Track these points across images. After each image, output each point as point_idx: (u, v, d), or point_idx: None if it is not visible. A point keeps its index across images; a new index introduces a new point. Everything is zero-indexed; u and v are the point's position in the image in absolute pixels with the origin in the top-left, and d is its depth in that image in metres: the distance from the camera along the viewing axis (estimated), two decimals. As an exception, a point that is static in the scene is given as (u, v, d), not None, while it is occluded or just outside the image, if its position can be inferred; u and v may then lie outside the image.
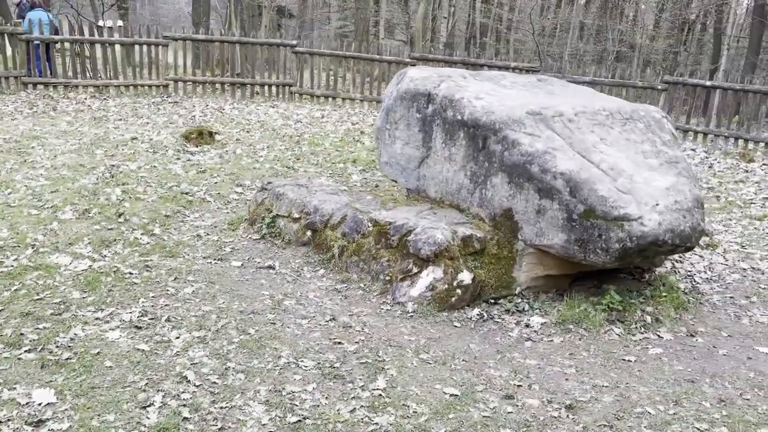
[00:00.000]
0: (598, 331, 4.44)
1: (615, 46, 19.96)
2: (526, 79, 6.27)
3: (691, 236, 4.48)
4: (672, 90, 11.85)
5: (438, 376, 3.70)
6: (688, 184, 4.68)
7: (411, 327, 4.31)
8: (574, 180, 4.43)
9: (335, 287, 4.81)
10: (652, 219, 4.35)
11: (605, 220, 4.33)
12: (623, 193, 4.45)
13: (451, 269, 4.59)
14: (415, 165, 5.38)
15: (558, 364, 4.00)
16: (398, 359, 3.86)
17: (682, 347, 4.33)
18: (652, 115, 5.25)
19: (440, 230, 4.66)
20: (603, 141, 4.88)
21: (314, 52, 13.08)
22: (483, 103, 4.91)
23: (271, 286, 4.76)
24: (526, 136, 4.67)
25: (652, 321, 4.65)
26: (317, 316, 4.34)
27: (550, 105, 5.02)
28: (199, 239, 5.51)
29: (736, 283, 5.57)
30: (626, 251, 4.35)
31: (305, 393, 3.43)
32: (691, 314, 4.83)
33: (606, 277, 5.26)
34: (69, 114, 10.23)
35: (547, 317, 4.62)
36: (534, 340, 4.32)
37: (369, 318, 4.39)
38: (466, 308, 4.64)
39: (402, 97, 5.36)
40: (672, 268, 5.85)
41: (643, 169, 4.70)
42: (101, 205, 5.93)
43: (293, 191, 5.54)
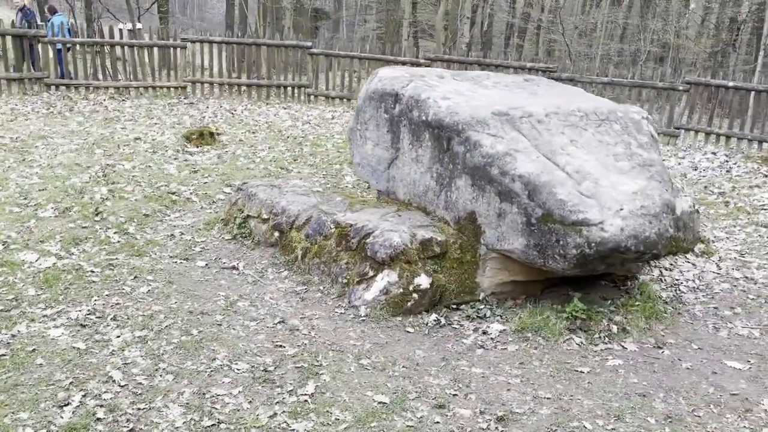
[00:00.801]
0: (557, 341, 4.27)
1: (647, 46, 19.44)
2: (512, 79, 6.11)
3: (657, 243, 4.28)
4: (694, 91, 11.45)
5: (372, 383, 3.61)
6: (658, 189, 4.47)
7: (360, 331, 4.22)
8: (533, 183, 4.27)
9: (295, 289, 4.76)
10: (614, 224, 4.16)
11: (563, 225, 4.16)
12: (586, 197, 4.28)
13: (408, 273, 4.48)
14: (385, 166, 5.29)
15: (504, 373, 3.86)
16: (336, 364, 3.78)
17: (644, 359, 4.14)
18: (631, 116, 5.04)
19: (398, 233, 4.56)
20: (573, 143, 4.70)
21: (329, 53, 13.07)
22: (449, 103, 4.79)
23: (230, 287, 4.73)
24: (488, 137, 4.53)
25: (618, 331, 4.45)
26: (267, 318, 4.29)
27: (521, 105, 4.87)
28: (172, 238, 5.52)
29: (724, 292, 5.31)
30: (585, 258, 4.17)
31: (229, 397, 3.38)
32: (664, 325, 4.62)
33: (584, 283, 5.08)
34: (83, 114, 10.44)
35: (507, 324, 4.47)
36: (487, 347, 4.18)
37: (320, 321, 4.31)
38: (423, 313, 4.52)
39: (371, 98, 5.28)
40: (659, 275, 5.62)
41: (612, 173, 4.51)
42: (83, 204, 6.01)
43: (265, 192, 5.51)
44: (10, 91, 11.99)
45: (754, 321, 4.80)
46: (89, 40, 12.59)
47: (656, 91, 11.78)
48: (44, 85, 12.38)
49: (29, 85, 12.22)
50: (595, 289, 5.10)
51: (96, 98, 12.08)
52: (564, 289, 5.06)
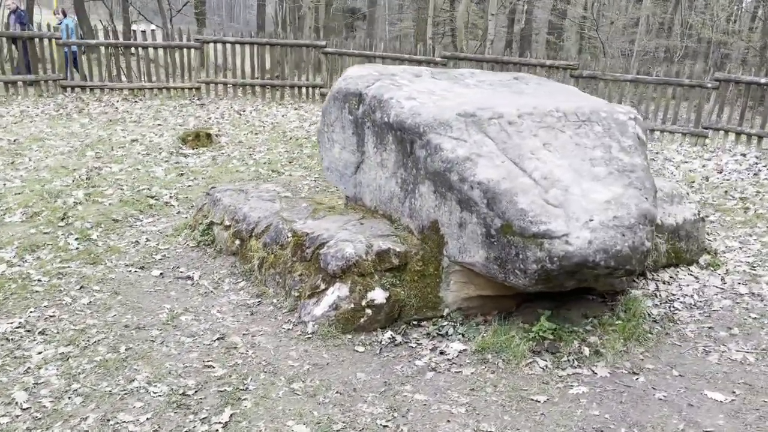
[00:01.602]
0: (518, 364, 3.88)
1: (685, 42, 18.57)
2: (499, 78, 5.71)
3: (631, 258, 3.84)
4: (724, 88, 10.76)
5: (298, 411, 3.29)
6: (636, 197, 4.03)
7: (303, 351, 3.91)
8: (492, 191, 3.89)
9: (247, 302, 4.48)
10: (581, 237, 3.75)
11: (522, 237, 3.77)
12: (552, 207, 3.88)
13: (361, 287, 4.15)
14: (352, 171, 4.97)
15: (450, 401, 3.50)
16: (264, 388, 3.48)
17: (613, 387, 3.71)
18: (616, 116, 4.60)
19: (352, 243, 4.23)
20: (546, 146, 4.30)
21: (343, 52, 12.80)
22: (413, 104, 4.44)
23: (179, 298, 4.48)
24: (450, 140, 4.17)
25: (590, 353, 4.03)
26: (207, 334, 4.02)
27: (492, 106, 4.48)
28: (136, 245, 5.31)
29: (724, 310, 4.82)
30: (548, 273, 3.77)
31: (135, 424, 3.11)
32: (645, 347, 4.17)
33: (567, 298, 4.68)
34: (90, 116, 10.41)
35: (468, 344, 4.10)
36: (439, 370, 3.82)
37: (263, 339, 4.02)
38: (379, 331, 4.19)
39: (335, 98, 4.96)
40: (655, 290, 5.15)
41: (586, 179, 4.09)
42: (54, 209, 5.85)
43: (230, 197, 5.25)
44: (26, 93, 12.08)
45: (751, 344, 4.31)
46: (104, 41, 12.59)
47: (683, 88, 11.13)
48: (60, 87, 12.43)
49: (45, 87, 12.29)
50: (579, 304, 4.68)
51: (109, 100, 12.07)
52: (542, 305, 4.66)
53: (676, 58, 18.21)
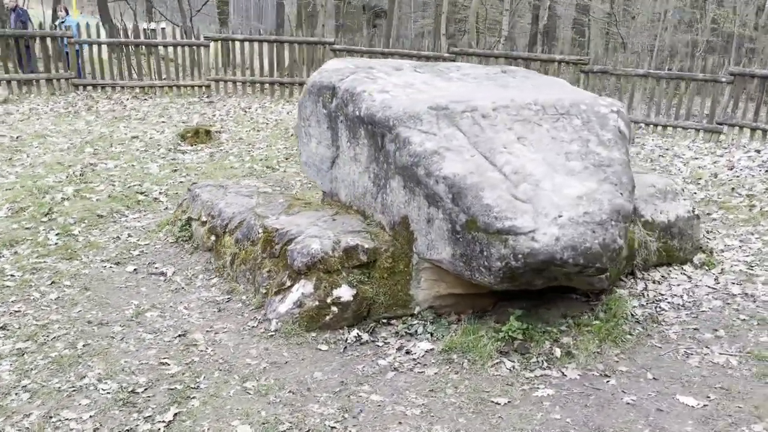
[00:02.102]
0: (484, 364, 3.76)
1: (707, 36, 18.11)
2: (486, 71, 5.57)
3: (602, 255, 3.69)
4: (739, 82, 10.44)
5: (246, 411, 3.21)
6: (610, 192, 3.87)
7: (263, 349, 3.83)
8: (458, 186, 3.77)
9: (216, 299, 4.42)
10: (548, 233, 3.61)
11: (486, 234, 3.64)
12: (521, 202, 3.74)
13: (326, 284, 4.06)
14: (328, 165, 4.88)
15: (406, 402, 3.39)
16: (216, 387, 3.41)
17: (580, 390, 3.57)
18: (597, 109, 4.44)
19: (319, 239, 4.15)
20: (521, 140, 4.16)
21: (351, 49, 12.71)
22: (385, 97, 4.33)
23: (148, 294, 4.44)
24: (419, 134, 4.05)
25: (562, 355, 3.89)
26: (169, 331, 3.97)
27: (468, 99, 4.36)
28: (116, 241, 5.29)
29: (713, 311, 4.63)
30: (513, 271, 3.64)
31: (77, 422, 3.07)
32: (621, 349, 4.01)
33: (549, 297, 4.54)
34: (97, 114, 10.48)
35: (436, 343, 3.99)
36: (401, 370, 3.72)
37: (225, 336, 3.95)
38: (346, 329, 4.09)
39: (309, 91, 4.87)
40: (644, 289, 4.98)
41: (559, 174, 3.95)
42: (41, 204, 5.87)
43: (209, 193, 5.20)
44: (39, 91, 12.22)
45: (736, 347, 4.12)
46: (114, 40, 12.68)
47: (697, 83, 10.82)
48: (72, 85, 12.55)
49: (57, 86, 12.42)
50: (560, 304, 4.54)
51: (120, 98, 12.15)
52: (519, 304, 4.52)
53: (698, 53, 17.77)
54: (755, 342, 4.16)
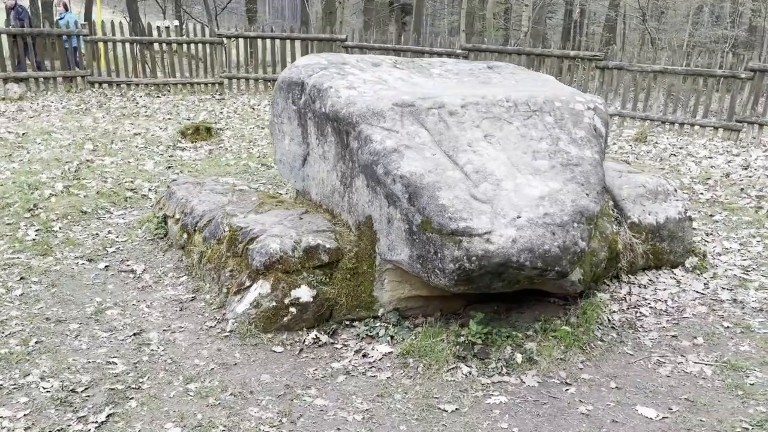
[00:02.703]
0: (440, 369, 3.63)
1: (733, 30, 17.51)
2: (470, 67, 5.43)
3: (561, 258, 3.53)
4: (759, 79, 10.06)
5: (182, 413, 3.15)
6: (574, 193, 3.71)
7: (216, 349, 3.76)
8: (414, 185, 3.65)
9: (180, 297, 4.37)
10: (505, 235, 3.47)
11: (440, 235, 3.52)
12: (480, 202, 3.61)
13: (284, 284, 3.97)
14: (300, 163, 4.79)
15: (351, 408, 3.29)
16: (158, 387, 3.35)
17: (536, 398, 3.42)
18: (572, 106, 4.27)
19: (279, 239, 4.06)
20: (488, 138, 4.02)
21: (363, 45, 12.63)
22: (351, 93, 4.22)
23: (114, 292, 4.41)
24: (381, 131, 3.94)
25: (523, 360, 3.74)
26: (126, 329, 3.93)
27: (438, 95, 4.23)
28: (95, 237, 5.29)
29: (696, 318, 4.43)
30: (468, 274, 3.50)
31: (10, 420, 3.04)
32: (587, 356, 3.85)
33: (525, 300, 4.41)
34: (108, 111, 10.58)
35: (396, 346, 3.88)
36: (353, 374, 3.61)
37: (181, 335, 3.90)
38: (305, 330, 4.00)
39: (280, 87, 4.80)
40: (628, 293, 4.79)
41: (524, 173, 3.80)
42: (28, 200, 5.91)
43: (185, 190, 5.17)
44: (56, 89, 12.41)
45: (713, 356, 3.92)
46: (129, 38, 12.80)
47: (715, 79, 10.47)
48: (88, 83, 12.72)
49: (74, 83, 12.59)
50: (535, 307, 4.40)
51: (134, 95, 12.27)
52: (490, 307, 4.39)
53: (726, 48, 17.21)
54: (735, 351, 3.96)
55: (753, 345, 4.03)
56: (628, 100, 11.04)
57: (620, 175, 5.43)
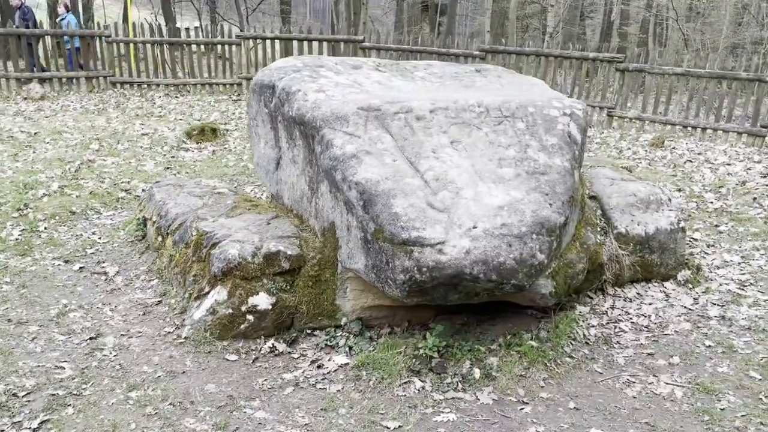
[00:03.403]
0: (392, 383, 3.52)
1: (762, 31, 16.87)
2: (456, 70, 5.29)
3: (517, 271, 3.38)
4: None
5: (115, 422, 3.10)
6: (536, 203, 3.55)
7: (168, 356, 3.71)
8: (369, 192, 3.54)
9: (147, 301, 4.34)
10: (458, 246, 3.33)
11: (392, 244, 3.40)
12: (437, 211, 3.48)
13: (242, 291, 3.90)
14: (274, 167, 4.73)
15: (290, 421, 3.20)
16: (99, 394, 3.31)
17: (486, 417, 3.28)
18: (546, 112, 4.10)
19: (240, 244, 4.00)
20: (454, 144, 3.89)
21: (380, 47, 12.54)
22: (318, 97, 4.13)
23: (82, 294, 4.41)
24: (343, 135, 3.84)
25: (481, 376, 3.60)
26: (84, 333, 3.91)
27: (405, 100, 4.11)
28: (78, 239, 5.32)
29: (678, 335, 4.21)
30: (420, 285, 3.38)
31: (-56, 423, 3.03)
32: (551, 373, 3.68)
33: (501, 312, 4.26)
34: (123, 111, 10.70)
35: (353, 358, 3.77)
36: (303, 386, 3.52)
37: (137, 341, 3.86)
38: (263, 338, 3.93)
39: (253, 90, 4.74)
40: (610, 307, 4.60)
41: (486, 181, 3.66)
42: (20, 199, 5.97)
43: (165, 192, 5.15)
44: (78, 89, 12.62)
45: (688, 376, 3.72)
46: (149, 39, 12.95)
47: (740, 82, 10.07)
48: (110, 83, 12.90)
49: (96, 83, 12.79)
50: (511, 319, 4.25)
51: (153, 95, 12.39)
52: (459, 318, 4.25)
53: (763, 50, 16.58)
54: (711, 372, 3.75)
55: (732, 366, 3.81)
56: (648, 104, 10.71)
57: (612, 182, 5.23)
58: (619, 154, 8.91)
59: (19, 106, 10.82)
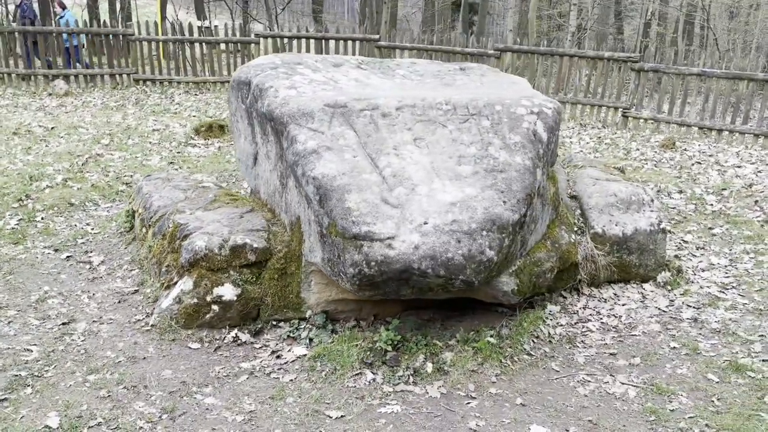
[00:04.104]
0: (344, 374, 3.58)
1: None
2: (439, 68, 5.33)
3: (465, 267, 3.41)
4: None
5: (71, 403, 3.23)
6: (490, 200, 3.57)
7: (132, 342, 3.84)
8: (324, 187, 3.61)
9: (125, 290, 4.49)
10: (407, 241, 3.39)
11: (343, 238, 3.47)
12: (391, 207, 3.54)
13: (207, 282, 4.01)
14: (252, 162, 4.83)
15: (237, 408, 3.29)
16: (59, 377, 3.45)
17: (430, 411, 3.32)
18: (512, 110, 4.12)
19: (208, 236, 4.11)
20: (417, 141, 3.94)
21: (396, 46, 12.60)
22: (288, 93, 4.22)
23: (64, 282, 4.58)
24: (307, 131, 3.92)
25: (433, 371, 3.65)
26: (58, 318, 4.07)
27: (374, 97, 4.18)
28: (72, 229, 5.51)
29: (645, 336, 4.19)
30: (370, 279, 3.44)
31: None
32: (504, 369, 3.70)
33: (470, 308, 4.30)
34: (141, 107, 10.98)
35: (312, 349, 3.85)
36: (258, 375, 3.61)
37: (106, 327, 4.01)
38: (228, 328, 4.03)
39: (232, 86, 4.85)
40: (583, 306, 4.59)
41: (442, 178, 3.70)
42: (24, 191, 6.20)
43: (153, 185, 5.30)
44: (102, 85, 12.97)
45: (645, 377, 3.70)
46: (172, 37, 13.23)
47: (757, 83, 9.85)
48: (133, 80, 13.23)
49: (119, 80, 13.12)
50: (479, 316, 4.28)
51: (173, 92, 12.66)
52: (426, 313, 4.30)
53: None
54: (670, 374, 3.73)
55: (692, 368, 3.77)
56: (663, 104, 10.55)
57: (595, 182, 5.21)
58: (626, 155, 8.81)
59: (43, 102, 11.18)
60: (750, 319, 4.38)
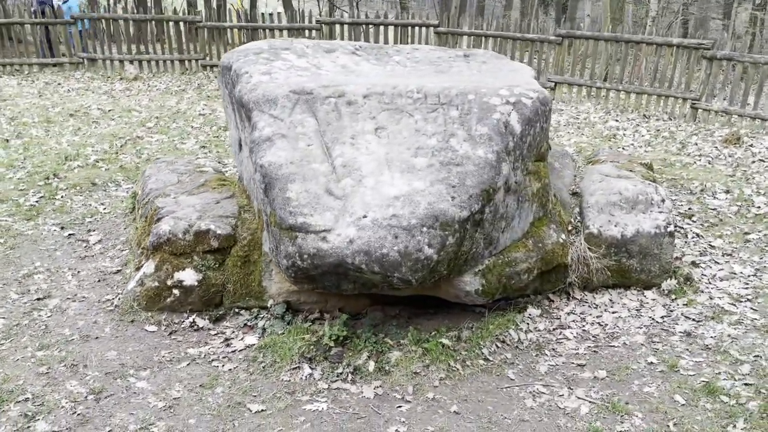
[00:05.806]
0: (283, 368, 3.52)
1: None
2: (439, 55, 5.12)
3: (401, 264, 3.25)
4: None
5: (9, 377, 3.35)
6: (436, 195, 3.38)
7: (92, 322, 3.94)
8: (270, 175, 3.54)
9: (108, 269, 4.62)
10: (343, 235, 3.27)
11: (280, 228, 3.39)
12: (335, 198, 3.43)
13: (169, 266, 4.04)
14: (238, 147, 4.82)
15: (163, 394, 3.30)
16: (11, 350, 3.59)
17: (356, 411, 3.21)
18: (485, 100, 3.88)
19: (174, 221, 4.14)
20: (378, 131, 3.80)
21: (455, 31, 12.29)
22: (260, 79, 4.17)
23: (57, 258, 4.76)
24: (268, 118, 3.86)
25: (374, 370, 3.52)
26: (35, 293, 4.24)
27: (342, 84, 4.06)
28: (86, 208, 5.72)
29: (625, 348, 3.88)
30: (303, 272, 3.34)
31: None
32: (451, 374, 3.52)
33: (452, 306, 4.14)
34: (199, 92, 11.28)
35: (262, 339, 3.81)
36: (199, 362, 3.61)
37: (76, 305, 4.13)
38: (189, 313, 4.06)
39: (219, 72, 4.84)
40: (569, 312, 4.31)
41: (393, 170, 3.54)
42: (54, 170, 6.51)
43: (154, 168, 5.41)
44: (173, 71, 13.45)
45: (605, 393, 3.42)
46: (237, 24, 13.50)
47: (843, 75, 8.89)
48: (201, 66, 13.63)
49: (189, 66, 13.55)
50: (453, 316, 4.11)
51: (236, 77, 12.91)
52: (393, 310, 4.16)
53: None
54: (635, 392, 3.43)
55: (661, 387, 3.44)
56: (737, 96, 9.73)
57: (602, 179, 4.87)
58: (680, 149, 8.19)
59: (113, 86, 11.70)
60: (752, 336, 3.94)
